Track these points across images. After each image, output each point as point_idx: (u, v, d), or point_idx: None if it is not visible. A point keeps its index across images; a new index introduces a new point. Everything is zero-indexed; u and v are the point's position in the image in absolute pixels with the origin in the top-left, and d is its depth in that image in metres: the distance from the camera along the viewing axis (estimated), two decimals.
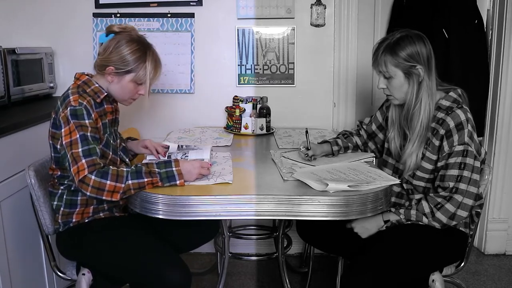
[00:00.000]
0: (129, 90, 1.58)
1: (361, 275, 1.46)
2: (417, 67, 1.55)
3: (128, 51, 1.52)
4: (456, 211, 1.50)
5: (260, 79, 2.59)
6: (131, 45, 1.53)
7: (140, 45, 1.55)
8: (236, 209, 1.40)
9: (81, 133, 1.43)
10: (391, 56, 1.55)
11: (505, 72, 2.55)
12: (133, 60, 1.53)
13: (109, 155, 1.58)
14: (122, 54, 1.52)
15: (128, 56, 1.52)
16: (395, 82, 1.59)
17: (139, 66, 1.54)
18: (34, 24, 2.55)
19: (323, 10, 2.52)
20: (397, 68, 1.56)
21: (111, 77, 1.55)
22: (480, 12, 2.54)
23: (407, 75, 1.56)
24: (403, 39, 1.55)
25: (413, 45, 1.54)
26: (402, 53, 1.54)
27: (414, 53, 1.54)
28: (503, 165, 2.66)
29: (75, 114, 1.45)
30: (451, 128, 1.51)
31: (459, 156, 1.50)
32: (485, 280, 2.44)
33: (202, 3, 2.52)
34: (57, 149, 1.51)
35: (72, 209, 1.57)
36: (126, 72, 1.54)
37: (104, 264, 1.52)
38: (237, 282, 2.45)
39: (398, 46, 1.55)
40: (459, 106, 1.54)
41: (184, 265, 1.48)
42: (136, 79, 1.56)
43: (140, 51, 1.54)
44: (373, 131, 1.87)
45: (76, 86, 1.54)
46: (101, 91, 1.56)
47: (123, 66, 1.53)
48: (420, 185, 1.62)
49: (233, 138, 2.25)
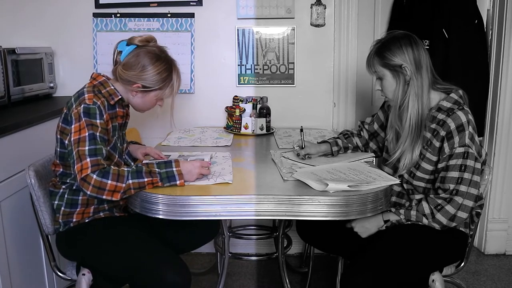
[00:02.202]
0: (151, 104, 1.65)
1: (361, 275, 1.46)
2: (403, 66, 1.57)
3: (155, 72, 1.56)
4: (457, 213, 1.50)
5: (260, 79, 2.59)
6: (158, 65, 1.56)
7: (166, 65, 1.59)
8: (236, 209, 1.40)
9: (91, 132, 1.44)
10: (378, 57, 1.61)
11: (505, 72, 2.55)
12: (161, 80, 1.57)
13: (115, 157, 1.58)
14: (149, 75, 1.55)
15: (156, 76, 1.56)
16: (385, 82, 1.63)
17: (166, 85, 1.59)
18: (34, 24, 2.56)
19: (323, 10, 2.52)
20: (385, 68, 1.61)
21: (135, 93, 1.59)
22: (480, 12, 2.54)
23: (394, 74, 1.60)
24: (389, 41, 1.61)
25: (399, 46, 1.58)
26: (388, 53, 1.58)
27: (399, 53, 1.57)
28: (503, 165, 2.66)
29: (87, 112, 1.46)
30: (452, 130, 1.51)
31: (460, 158, 1.50)
32: (485, 280, 2.44)
33: (202, 3, 2.52)
34: (65, 144, 1.52)
35: (73, 208, 1.57)
36: (153, 90, 1.59)
37: (103, 265, 1.52)
38: (237, 282, 2.45)
39: (384, 48, 1.60)
40: (460, 108, 1.54)
41: (183, 266, 1.48)
42: (161, 95, 1.61)
43: (167, 70, 1.58)
44: (375, 130, 1.88)
45: (92, 85, 1.56)
46: (115, 94, 1.58)
47: (150, 85, 1.57)
48: (420, 185, 1.62)
49: (233, 138, 2.25)
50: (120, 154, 1.63)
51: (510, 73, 2.55)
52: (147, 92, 1.59)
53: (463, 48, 2.47)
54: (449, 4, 2.46)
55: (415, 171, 1.62)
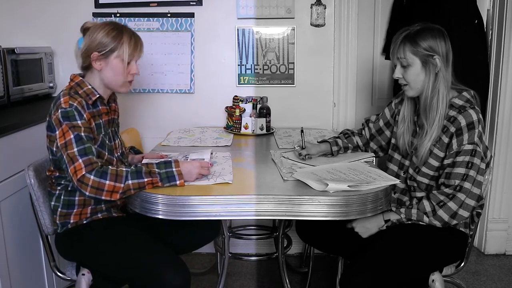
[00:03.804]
0: (119, 71, 1.57)
1: (361, 275, 1.46)
2: (434, 57, 1.56)
3: (103, 33, 1.54)
4: (458, 210, 1.50)
5: (260, 79, 2.59)
6: (104, 27, 1.56)
7: (113, 25, 1.57)
8: (236, 209, 1.40)
9: (75, 133, 1.43)
10: (411, 44, 1.57)
11: (505, 72, 2.55)
12: (111, 39, 1.54)
13: (105, 155, 1.56)
14: (99, 38, 1.54)
15: (105, 38, 1.54)
16: (412, 70, 1.59)
17: (119, 43, 1.55)
18: (33, 24, 2.55)
19: (323, 10, 2.52)
20: (415, 56, 1.57)
21: (98, 64, 1.55)
22: (480, 12, 2.54)
23: (424, 64, 1.58)
24: (424, 30, 1.58)
25: (434, 37, 1.56)
26: (422, 42, 1.56)
27: (433, 44, 1.56)
28: (503, 165, 2.66)
29: (66, 116, 1.45)
30: (462, 127, 1.52)
31: (468, 155, 1.50)
32: (485, 280, 2.44)
33: (202, 3, 2.52)
34: (54, 151, 1.50)
35: (70, 209, 1.57)
36: (109, 52, 1.55)
37: (103, 265, 1.52)
38: (237, 282, 2.45)
39: (418, 36, 1.57)
40: (471, 106, 1.55)
41: (183, 266, 1.47)
42: (121, 55, 1.56)
43: (115, 29, 1.56)
44: (380, 128, 1.87)
45: (69, 87, 1.55)
46: (93, 93, 1.56)
47: (104, 47, 1.54)
48: (424, 182, 1.62)
49: (233, 138, 2.25)
50: (110, 151, 1.60)
51: (510, 73, 2.55)
52: (106, 57, 1.55)
53: (463, 48, 2.47)
54: (449, 4, 2.46)
55: (421, 166, 1.62)
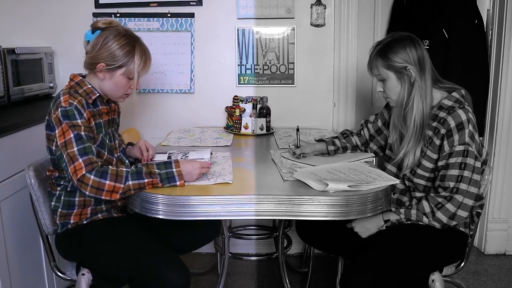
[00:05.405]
0: (122, 86, 1.57)
1: (361, 275, 1.46)
2: (408, 67, 1.57)
3: (116, 46, 1.51)
4: (457, 211, 1.50)
5: (260, 79, 2.59)
6: (119, 39, 1.52)
7: (128, 39, 1.54)
8: (236, 209, 1.40)
9: (75, 132, 1.43)
10: (382, 59, 1.60)
11: (505, 72, 2.55)
12: (123, 54, 1.52)
13: (104, 155, 1.56)
14: (111, 50, 1.51)
15: (118, 51, 1.51)
16: (389, 84, 1.62)
17: (129, 60, 1.53)
18: (34, 24, 2.55)
19: (323, 10, 2.52)
20: (389, 70, 1.60)
21: (102, 74, 1.54)
22: (480, 12, 2.53)
23: (399, 76, 1.59)
24: (392, 42, 1.59)
25: (403, 47, 1.57)
26: (393, 56, 1.57)
27: (403, 55, 1.57)
28: (503, 165, 2.66)
29: (66, 115, 1.44)
30: (452, 128, 1.51)
31: (460, 156, 1.50)
32: (485, 280, 2.44)
33: (202, 3, 2.52)
34: (53, 150, 1.50)
35: (70, 210, 1.57)
36: (117, 68, 1.53)
37: (103, 265, 1.52)
38: (237, 282, 2.45)
39: (388, 49, 1.59)
40: (460, 106, 1.55)
41: (183, 265, 1.47)
42: (127, 73, 1.55)
43: (129, 45, 1.53)
44: (379, 128, 1.88)
45: (69, 87, 1.54)
46: (93, 92, 1.55)
47: (113, 61, 1.52)
48: (421, 183, 1.62)
49: (233, 138, 2.25)
50: (110, 151, 1.60)
51: (510, 73, 2.55)
52: (113, 70, 1.53)
53: (463, 48, 2.47)
54: (449, 4, 2.46)
55: (416, 168, 1.62)
